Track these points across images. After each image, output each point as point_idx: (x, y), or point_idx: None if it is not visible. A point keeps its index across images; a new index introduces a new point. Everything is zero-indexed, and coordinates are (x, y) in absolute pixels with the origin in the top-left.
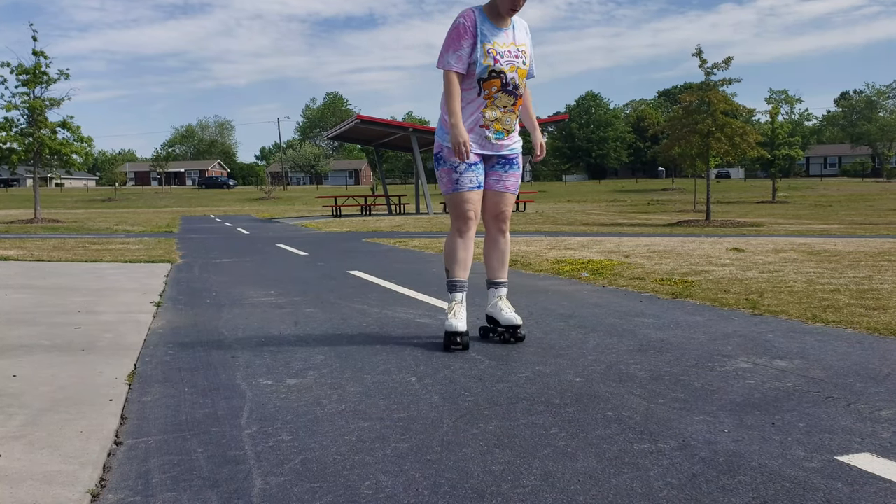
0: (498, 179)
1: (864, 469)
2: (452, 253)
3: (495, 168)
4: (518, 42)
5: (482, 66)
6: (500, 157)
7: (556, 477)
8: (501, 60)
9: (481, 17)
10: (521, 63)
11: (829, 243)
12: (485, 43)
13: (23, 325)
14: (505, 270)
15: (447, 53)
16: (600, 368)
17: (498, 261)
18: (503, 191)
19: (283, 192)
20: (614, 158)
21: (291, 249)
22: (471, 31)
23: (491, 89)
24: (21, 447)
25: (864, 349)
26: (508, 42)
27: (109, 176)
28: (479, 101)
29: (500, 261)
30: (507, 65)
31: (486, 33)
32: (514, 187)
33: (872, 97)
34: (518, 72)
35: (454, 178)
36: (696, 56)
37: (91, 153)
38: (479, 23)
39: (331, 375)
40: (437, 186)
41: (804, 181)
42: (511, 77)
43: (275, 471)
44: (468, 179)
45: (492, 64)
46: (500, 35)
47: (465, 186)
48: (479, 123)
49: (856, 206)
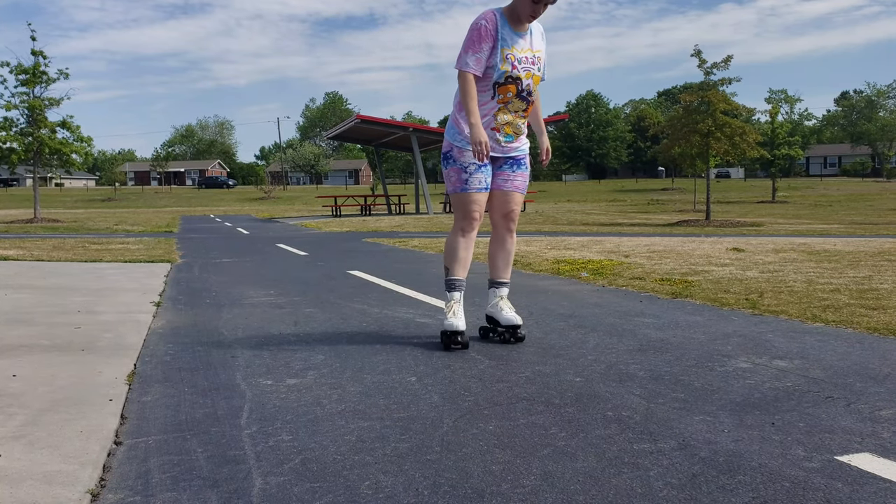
0: (506, 179)
1: (864, 469)
2: (454, 252)
3: (503, 168)
4: (535, 48)
5: (500, 70)
6: (508, 158)
7: (556, 477)
8: (519, 67)
9: (502, 20)
10: (537, 70)
11: (828, 243)
12: (504, 48)
13: (22, 324)
14: (509, 271)
15: (466, 54)
16: (600, 368)
17: (503, 261)
18: (511, 190)
19: (283, 192)
20: (614, 158)
21: (291, 249)
22: (492, 34)
23: (506, 94)
24: (21, 447)
25: (863, 349)
26: (526, 48)
27: (109, 176)
28: (493, 104)
29: (505, 261)
30: (524, 71)
31: (507, 38)
32: (523, 187)
33: (872, 97)
34: (533, 78)
35: (463, 178)
36: (696, 56)
37: (91, 153)
38: (500, 26)
39: (331, 375)
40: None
41: (804, 181)
42: (527, 83)
43: (275, 471)
44: (477, 181)
45: (509, 70)
46: (519, 41)
47: (474, 188)
48: (491, 126)
49: (856, 206)
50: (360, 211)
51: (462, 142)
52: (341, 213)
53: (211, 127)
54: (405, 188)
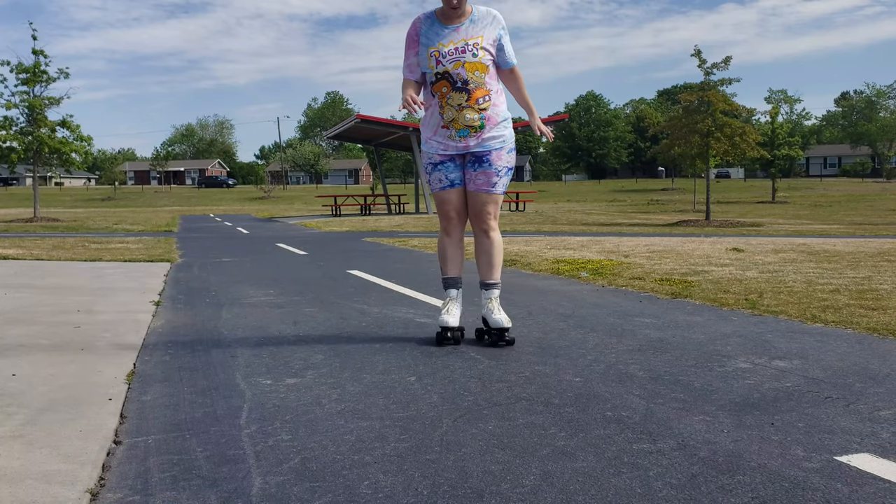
0: (469, 179)
1: (864, 469)
2: (442, 251)
3: (467, 168)
4: (469, 36)
5: (428, 70)
6: (472, 156)
7: (556, 477)
8: (444, 61)
9: (429, 21)
10: (471, 56)
11: (828, 243)
12: (429, 46)
13: (22, 324)
14: (493, 272)
15: (404, 63)
16: (600, 368)
17: (484, 262)
18: (473, 190)
19: (283, 192)
20: (614, 158)
21: (291, 249)
22: (413, 38)
23: (441, 90)
24: (20, 446)
25: (863, 349)
26: (457, 39)
27: (109, 175)
28: (436, 102)
29: (486, 262)
30: (451, 63)
31: (432, 36)
32: (486, 185)
33: (872, 97)
34: (466, 66)
35: (428, 181)
36: (695, 56)
37: (90, 152)
38: (426, 28)
39: (330, 375)
40: None
41: (804, 181)
42: (457, 73)
43: (274, 470)
44: (437, 180)
45: (434, 66)
46: (449, 34)
47: (436, 187)
48: (441, 125)
49: (855, 207)
50: (359, 210)
51: (423, 145)
52: (341, 212)
53: (211, 126)
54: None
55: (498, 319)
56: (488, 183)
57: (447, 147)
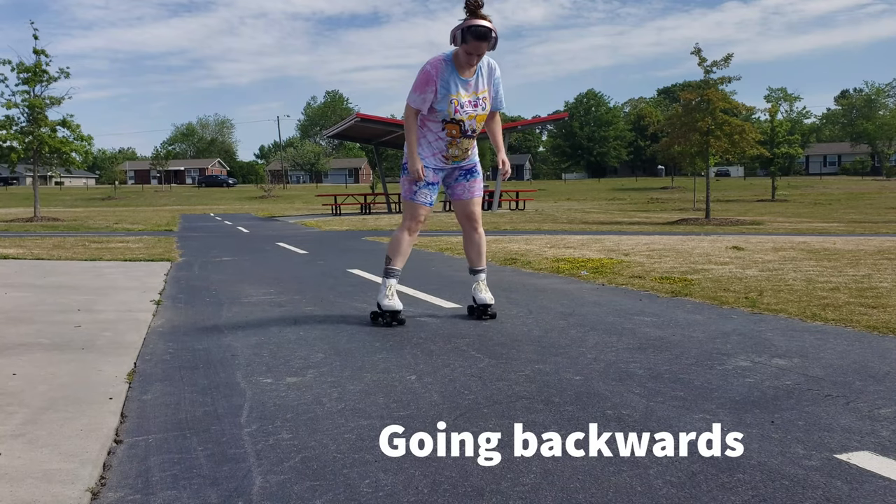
0: (465, 189)
1: (863, 467)
2: (399, 245)
3: (459, 180)
4: (479, 90)
5: (445, 112)
6: (461, 170)
7: (556, 475)
8: (461, 111)
9: (449, 67)
10: (481, 110)
11: (828, 241)
12: (450, 93)
13: (22, 323)
14: (482, 260)
15: (414, 93)
16: (600, 367)
17: (475, 253)
18: (469, 198)
19: (283, 191)
20: (614, 157)
21: (291, 248)
22: (434, 80)
23: (452, 132)
24: (21, 445)
25: (863, 347)
26: (471, 92)
27: (109, 174)
28: (444, 136)
29: (476, 253)
30: (467, 114)
31: (452, 85)
32: (479, 191)
33: (872, 95)
34: (477, 118)
35: (413, 190)
36: (695, 54)
37: (91, 152)
38: (447, 74)
39: (330, 374)
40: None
41: (804, 179)
42: (469, 124)
43: (275, 469)
44: (424, 195)
45: (452, 112)
46: (465, 85)
47: (420, 200)
48: (443, 154)
49: (855, 205)
50: (359, 209)
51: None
52: (341, 211)
53: (211, 125)
54: None
55: (484, 297)
56: (479, 189)
57: (443, 168)
